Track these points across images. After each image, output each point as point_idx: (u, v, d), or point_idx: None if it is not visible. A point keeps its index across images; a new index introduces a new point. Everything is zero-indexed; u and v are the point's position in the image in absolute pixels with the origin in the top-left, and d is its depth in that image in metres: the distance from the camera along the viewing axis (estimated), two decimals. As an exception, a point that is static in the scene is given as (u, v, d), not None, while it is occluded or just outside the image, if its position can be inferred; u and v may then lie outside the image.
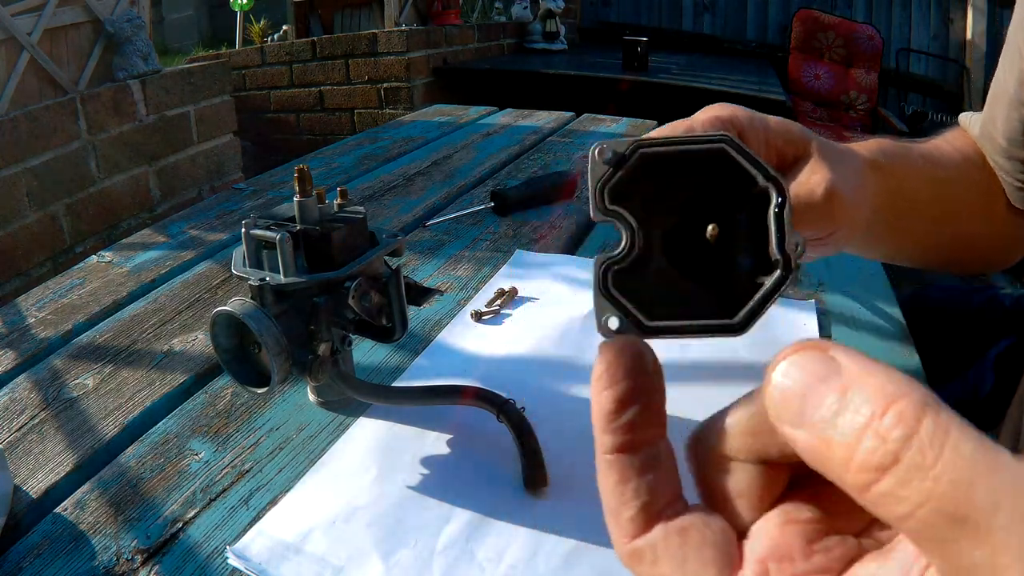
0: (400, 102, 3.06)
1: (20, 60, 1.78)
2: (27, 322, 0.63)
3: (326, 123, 3.27)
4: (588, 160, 0.20)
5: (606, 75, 3.03)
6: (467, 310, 0.62)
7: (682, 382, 0.52)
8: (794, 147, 0.36)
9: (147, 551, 0.37)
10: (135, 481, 0.43)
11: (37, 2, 1.82)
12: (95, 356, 0.57)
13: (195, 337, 0.59)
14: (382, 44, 3.06)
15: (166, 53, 4.67)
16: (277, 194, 0.99)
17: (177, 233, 0.85)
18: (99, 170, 1.94)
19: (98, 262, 0.77)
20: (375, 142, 1.28)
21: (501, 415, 0.43)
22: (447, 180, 1.03)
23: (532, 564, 0.36)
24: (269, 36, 4.15)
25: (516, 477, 0.41)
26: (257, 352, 0.41)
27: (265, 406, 0.50)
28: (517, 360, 0.55)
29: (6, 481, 0.41)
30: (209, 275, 0.72)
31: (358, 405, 0.48)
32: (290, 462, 0.44)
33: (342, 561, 0.37)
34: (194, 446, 0.46)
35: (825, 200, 0.35)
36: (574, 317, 0.60)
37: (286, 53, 3.27)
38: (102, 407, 0.50)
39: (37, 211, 1.78)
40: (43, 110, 1.79)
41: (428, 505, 0.40)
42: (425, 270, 0.72)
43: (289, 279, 0.41)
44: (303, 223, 0.43)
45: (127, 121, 2.02)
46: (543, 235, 0.81)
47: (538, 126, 1.39)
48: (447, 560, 0.37)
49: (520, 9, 3.95)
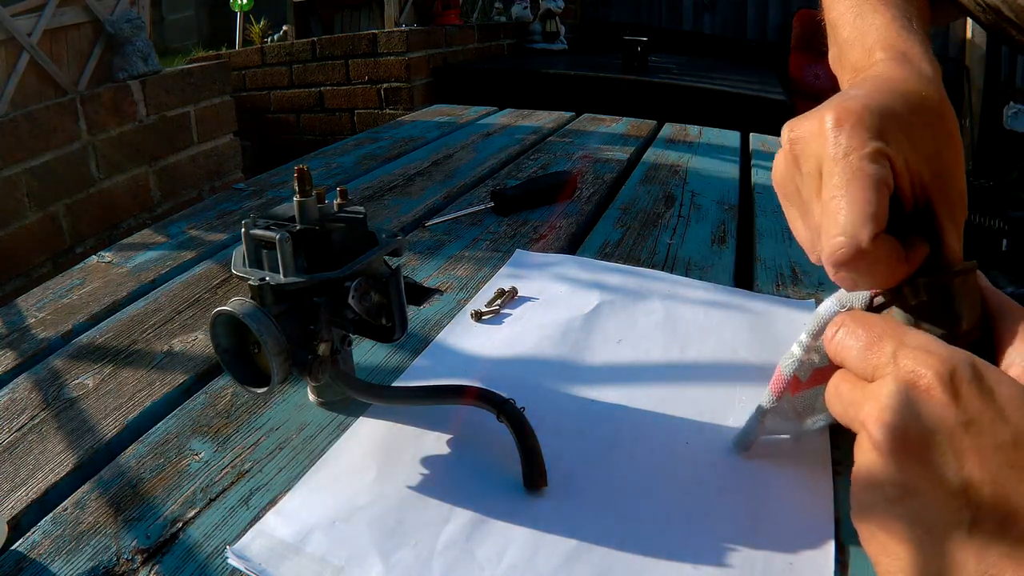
0: (400, 102, 3.06)
1: (20, 60, 1.78)
2: (27, 322, 0.63)
3: (326, 123, 3.27)
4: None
5: (606, 75, 3.03)
6: (467, 310, 0.62)
7: (682, 382, 0.52)
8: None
9: (147, 551, 0.37)
10: (135, 481, 0.43)
11: (37, 2, 1.82)
12: (95, 356, 0.57)
13: (195, 337, 0.59)
14: (382, 44, 3.06)
15: (166, 53, 4.66)
16: (277, 194, 0.99)
17: (177, 233, 0.85)
18: (99, 170, 1.94)
19: (98, 262, 0.77)
20: (375, 142, 1.28)
21: (501, 415, 0.43)
22: (447, 180, 1.03)
23: (532, 564, 0.36)
24: (269, 36, 4.15)
25: (516, 477, 0.41)
26: (257, 352, 0.41)
27: (265, 406, 0.50)
28: (517, 360, 0.55)
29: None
30: (209, 275, 0.72)
31: (358, 405, 0.48)
32: (290, 462, 0.44)
33: (342, 561, 0.37)
34: (194, 446, 0.46)
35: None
36: (574, 317, 0.60)
37: (286, 53, 3.27)
38: (102, 407, 0.50)
39: (37, 211, 1.78)
40: (43, 110, 1.79)
41: (428, 505, 0.40)
42: (425, 270, 0.72)
43: (289, 279, 0.41)
44: (303, 223, 0.43)
45: (127, 121, 2.02)
46: (543, 235, 0.81)
47: (538, 126, 1.39)
48: (447, 560, 0.37)
49: (520, 9, 3.95)
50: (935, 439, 0.26)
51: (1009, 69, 3.96)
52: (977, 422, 0.26)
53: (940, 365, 0.27)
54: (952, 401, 0.26)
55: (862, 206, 0.31)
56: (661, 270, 0.71)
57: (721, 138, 1.32)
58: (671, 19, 4.82)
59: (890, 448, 0.27)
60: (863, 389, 0.30)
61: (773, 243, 0.79)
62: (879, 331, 0.30)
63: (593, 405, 0.49)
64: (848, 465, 0.43)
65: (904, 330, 0.30)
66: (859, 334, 0.31)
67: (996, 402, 0.26)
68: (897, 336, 0.30)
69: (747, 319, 0.60)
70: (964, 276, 0.32)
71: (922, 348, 0.28)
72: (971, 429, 0.26)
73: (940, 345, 0.28)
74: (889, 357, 0.29)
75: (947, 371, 0.27)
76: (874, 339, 0.30)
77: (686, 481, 0.42)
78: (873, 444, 0.28)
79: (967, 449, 0.26)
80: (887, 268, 0.32)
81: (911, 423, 0.27)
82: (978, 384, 0.27)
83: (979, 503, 0.25)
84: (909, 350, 0.28)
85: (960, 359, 0.28)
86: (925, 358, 0.28)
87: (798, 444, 0.45)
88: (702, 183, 1.01)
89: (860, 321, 0.31)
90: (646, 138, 1.32)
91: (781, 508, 0.40)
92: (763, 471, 0.43)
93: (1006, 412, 0.26)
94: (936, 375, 0.27)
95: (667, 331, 0.58)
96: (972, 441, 0.26)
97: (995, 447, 0.25)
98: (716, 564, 0.36)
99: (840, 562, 0.37)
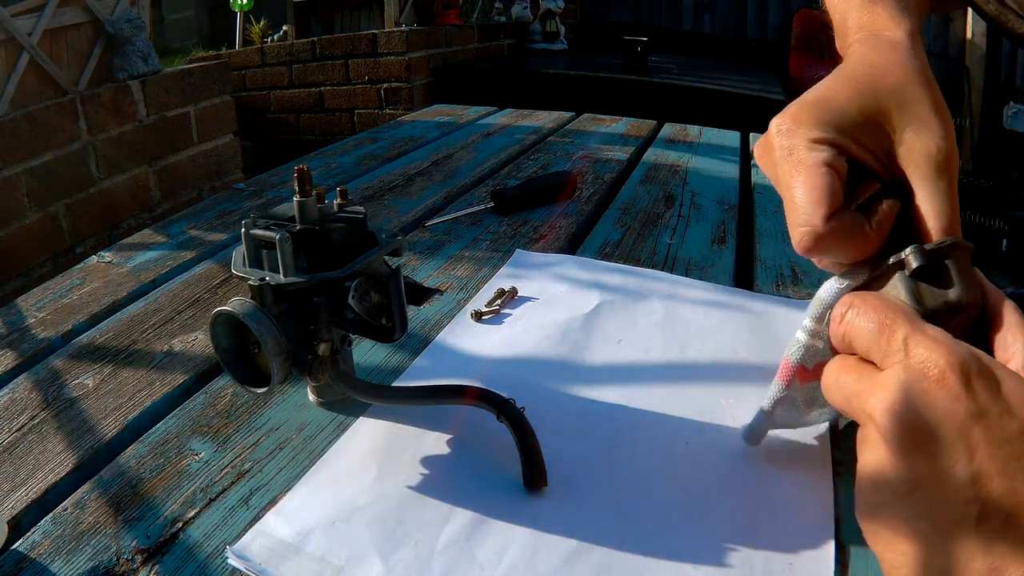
0: (400, 102, 3.06)
1: (20, 60, 1.78)
2: (27, 322, 0.63)
3: (326, 123, 3.27)
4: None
5: (606, 75, 3.03)
6: (467, 310, 0.62)
7: (682, 382, 0.52)
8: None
9: (147, 551, 0.37)
10: (135, 481, 0.43)
11: (37, 2, 1.82)
12: (95, 356, 0.57)
13: (195, 337, 0.59)
14: (382, 44, 3.06)
15: (166, 53, 4.66)
16: (277, 194, 0.99)
17: (177, 233, 0.85)
18: (99, 170, 1.94)
19: (98, 262, 0.77)
20: (375, 142, 1.28)
21: (501, 415, 0.43)
22: (447, 180, 1.03)
23: (532, 564, 0.36)
24: (269, 36, 4.15)
25: (516, 477, 0.41)
26: (257, 352, 0.41)
27: (265, 406, 0.50)
28: (517, 360, 0.55)
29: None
30: (209, 275, 0.72)
31: (358, 405, 0.48)
32: (290, 462, 0.44)
33: (342, 561, 0.37)
34: (194, 446, 0.46)
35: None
36: (574, 317, 0.60)
37: (286, 53, 3.27)
38: (102, 407, 0.50)
39: (37, 211, 1.78)
40: (43, 110, 1.79)
41: (428, 505, 0.40)
42: (425, 270, 0.72)
43: (289, 279, 0.41)
44: (303, 223, 0.43)
45: (127, 121, 2.02)
46: (543, 235, 0.81)
47: (538, 126, 1.39)
48: (447, 560, 0.37)
49: (520, 9, 3.95)
50: (945, 431, 0.26)
51: (1009, 69, 3.96)
52: (987, 415, 0.26)
53: (951, 356, 0.27)
54: (963, 393, 0.26)
55: (808, 193, 0.33)
56: (661, 270, 0.71)
57: (721, 138, 1.32)
58: (671, 19, 4.82)
59: (899, 440, 0.27)
60: (869, 379, 0.29)
61: (773, 243, 0.79)
62: (891, 316, 0.30)
63: (593, 405, 0.49)
64: (848, 465, 0.43)
65: (917, 318, 0.30)
66: (871, 316, 0.31)
67: (1003, 395, 0.26)
68: (909, 323, 0.29)
69: (747, 319, 0.60)
70: (961, 250, 0.32)
71: (934, 338, 0.28)
72: (981, 422, 0.26)
73: (949, 337, 0.28)
74: (900, 344, 0.29)
75: (958, 362, 0.27)
76: (886, 323, 0.30)
77: (686, 481, 0.42)
78: (881, 436, 0.28)
79: (977, 442, 0.26)
80: (853, 241, 0.33)
81: (921, 415, 0.27)
82: (986, 377, 0.27)
83: (987, 497, 0.25)
84: (921, 338, 0.28)
85: (968, 351, 0.27)
86: (937, 347, 0.27)
87: (798, 444, 0.45)
88: (702, 183, 1.01)
89: (871, 303, 0.31)
90: (646, 138, 1.32)
91: (781, 508, 0.40)
92: (763, 471, 0.43)
93: (1012, 405, 0.26)
94: (948, 365, 0.27)
95: (667, 331, 0.58)
96: (982, 434, 0.26)
97: (1004, 440, 0.25)
98: (716, 564, 0.36)
99: (840, 562, 0.37)
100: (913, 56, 0.36)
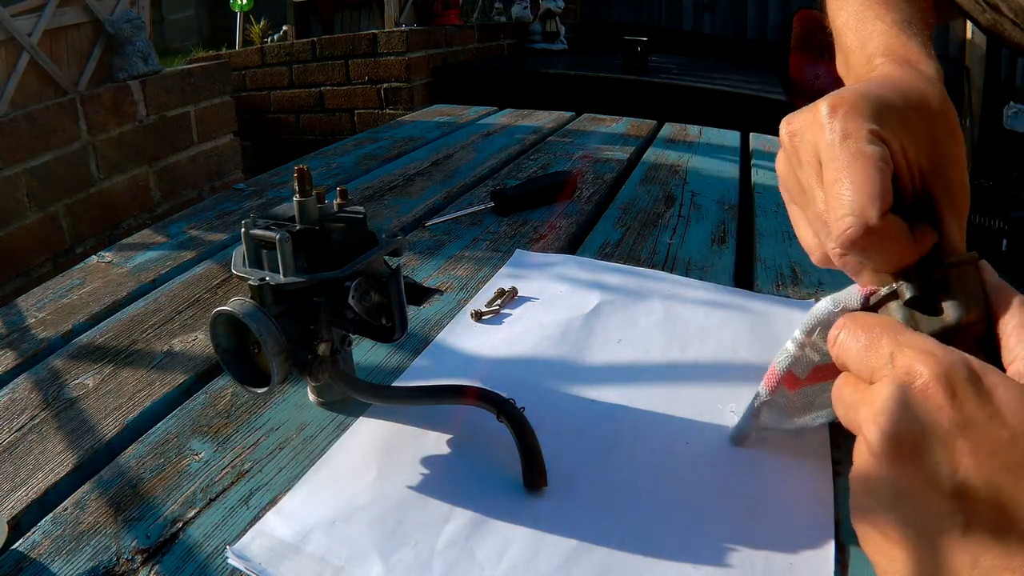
0: (400, 102, 3.06)
1: (20, 61, 1.78)
2: (27, 322, 0.63)
3: (326, 123, 3.27)
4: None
5: (606, 75, 3.03)
6: (467, 310, 0.62)
7: (682, 382, 0.52)
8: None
9: (147, 551, 0.37)
10: (135, 481, 0.43)
11: (37, 3, 1.82)
12: (95, 356, 0.57)
13: (195, 337, 0.59)
14: (382, 44, 3.06)
15: (166, 53, 4.66)
16: (277, 194, 0.99)
17: (177, 233, 0.85)
18: (99, 170, 1.94)
19: (98, 262, 0.77)
20: (375, 142, 1.28)
21: (501, 415, 0.43)
22: (447, 180, 1.03)
23: (532, 564, 0.36)
24: (269, 36, 4.15)
25: (516, 477, 0.41)
26: (257, 352, 0.41)
27: (265, 406, 0.50)
28: (517, 360, 0.55)
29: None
30: (209, 275, 0.72)
31: (358, 405, 0.48)
32: (290, 462, 0.44)
33: (342, 561, 0.37)
34: (194, 446, 0.46)
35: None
36: (574, 317, 0.60)
37: (286, 53, 3.27)
38: (102, 407, 0.50)
39: (37, 211, 1.78)
40: (43, 110, 1.79)
41: (428, 505, 0.40)
42: (425, 270, 0.72)
43: (289, 279, 0.41)
44: (303, 223, 0.43)
45: (127, 121, 2.02)
46: (543, 235, 0.81)
47: (538, 126, 1.39)
48: (447, 560, 0.37)
49: (520, 9, 3.95)
50: (929, 441, 0.26)
51: (1009, 69, 3.96)
52: (973, 424, 0.26)
53: (936, 366, 0.27)
54: (948, 403, 0.26)
55: (867, 185, 0.31)
56: (661, 270, 0.71)
57: (721, 138, 1.32)
58: (671, 19, 4.82)
59: (884, 451, 0.27)
60: (862, 392, 0.30)
61: (773, 243, 0.79)
62: (878, 332, 0.30)
63: (593, 405, 0.49)
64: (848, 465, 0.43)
65: (902, 330, 0.30)
66: (859, 335, 0.31)
67: (993, 403, 0.26)
68: (895, 337, 0.29)
69: (747, 319, 0.60)
70: (960, 268, 0.32)
71: (919, 348, 0.28)
72: (966, 432, 0.26)
73: (937, 346, 0.28)
74: (886, 359, 0.29)
75: (943, 372, 0.27)
76: (873, 340, 0.30)
77: (686, 481, 0.42)
78: (868, 447, 0.28)
79: (962, 452, 0.26)
80: (897, 247, 0.32)
81: (905, 426, 0.27)
82: (975, 385, 0.26)
83: (973, 506, 0.25)
84: (906, 351, 0.28)
85: (957, 360, 0.27)
86: (922, 358, 0.27)
87: (798, 444, 0.45)
88: (702, 183, 1.01)
89: (860, 323, 0.31)
90: (646, 138, 1.32)
91: (781, 508, 0.40)
92: (763, 472, 0.43)
93: (1003, 414, 0.26)
94: (933, 376, 0.27)
95: (667, 331, 0.58)
96: (967, 444, 0.26)
97: (991, 450, 0.25)
98: (716, 564, 0.36)
99: (840, 562, 0.37)
100: (945, 93, 0.36)
